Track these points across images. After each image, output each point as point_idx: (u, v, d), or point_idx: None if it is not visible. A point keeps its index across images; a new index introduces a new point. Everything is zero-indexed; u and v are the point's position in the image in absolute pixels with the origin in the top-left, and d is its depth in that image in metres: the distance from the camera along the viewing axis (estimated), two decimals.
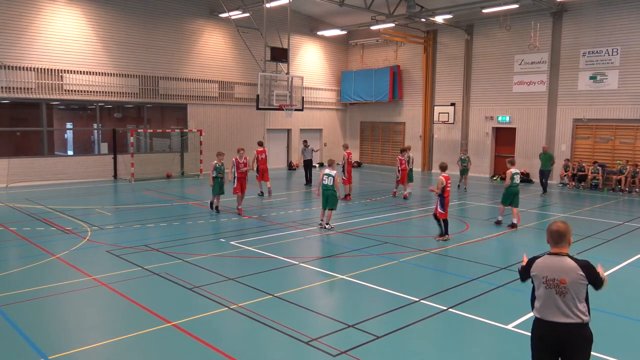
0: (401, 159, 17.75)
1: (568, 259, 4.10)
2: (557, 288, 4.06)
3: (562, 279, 4.03)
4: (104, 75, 21.74)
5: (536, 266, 4.23)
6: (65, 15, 20.56)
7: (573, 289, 4.02)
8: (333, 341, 6.21)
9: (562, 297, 4.05)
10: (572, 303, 4.03)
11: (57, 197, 17.04)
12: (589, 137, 22.07)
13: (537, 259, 4.26)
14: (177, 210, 15.09)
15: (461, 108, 26.25)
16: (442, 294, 7.97)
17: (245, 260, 9.93)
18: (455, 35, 26.17)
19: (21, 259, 9.97)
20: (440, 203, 11.42)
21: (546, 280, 4.12)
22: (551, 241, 4.22)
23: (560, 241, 4.16)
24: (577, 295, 4.04)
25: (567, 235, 4.16)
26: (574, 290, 4.03)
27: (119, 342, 6.21)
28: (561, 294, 4.05)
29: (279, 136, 28.75)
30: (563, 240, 4.16)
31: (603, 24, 21.19)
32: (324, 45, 30.18)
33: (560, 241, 4.16)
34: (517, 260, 9.99)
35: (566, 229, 4.16)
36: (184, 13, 23.94)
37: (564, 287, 4.03)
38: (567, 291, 4.03)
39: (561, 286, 4.04)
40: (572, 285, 4.02)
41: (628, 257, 10.45)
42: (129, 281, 8.44)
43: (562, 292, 4.05)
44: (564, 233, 4.16)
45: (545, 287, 4.13)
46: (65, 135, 23.03)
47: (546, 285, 4.12)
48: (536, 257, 4.30)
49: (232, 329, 6.74)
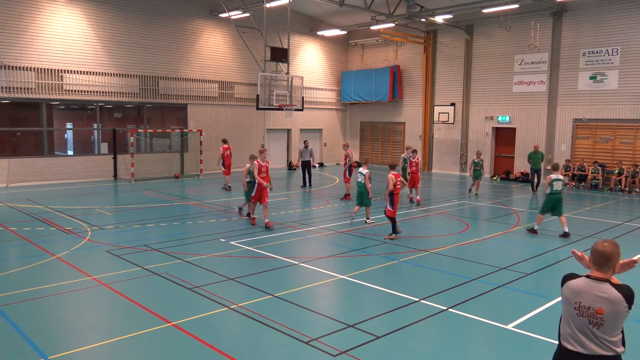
0: (412, 160, 16.58)
1: (610, 287, 3.46)
2: (591, 318, 3.45)
3: (600, 308, 3.43)
4: (104, 75, 21.74)
5: (569, 288, 3.59)
6: (65, 15, 20.57)
7: (611, 320, 3.42)
8: (333, 341, 6.21)
9: (596, 329, 3.45)
10: (607, 335, 3.44)
11: (57, 197, 17.04)
12: (589, 137, 22.07)
13: (571, 280, 3.63)
14: (177, 210, 15.09)
15: (461, 108, 26.26)
16: (442, 294, 7.97)
17: (245, 260, 9.93)
18: (455, 35, 26.17)
19: (21, 259, 9.97)
20: (390, 202, 11.67)
21: (579, 307, 3.50)
22: (594, 263, 3.57)
23: (605, 265, 3.53)
24: (615, 327, 3.45)
25: (613, 259, 3.52)
26: (611, 321, 3.43)
27: (119, 342, 6.21)
28: (596, 325, 3.45)
29: (279, 136, 28.76)
30: (608, 264, 3.52)
31: (603, 24, 21.19)
32: (323, 45, 30.18)
33: (605, 265, 3.53)
34: (517, 260, 10.00)
35: (613, 252, 3.53)
36: (183, 13, 23.94)
37: (600, 318, 3.43)
38: (603, 322, 3.43)
39: (597, 317, 3.43)
40: (611, 317, 3.41)
41: (628, 257, 10.42)
42: (129, 281, 8.44)
43: (598, 324, 3.44)
44: (610, 256, 3.51)
45: (577, 314, 3.51)
46: (65, 135, 23.03)
47: (578, 312, 3.50)
48: (571, 275, 3.67)
49: (232, 329, 6.74)
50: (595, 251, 3.56)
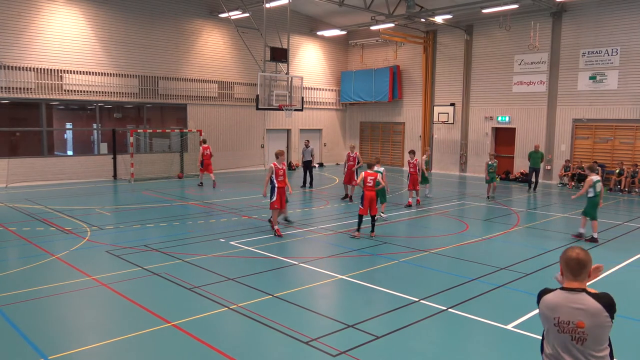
0: (410, 162, 16.31)
1: (587, 296, 3.18)
2: (573, 333, 3.17)
3: (579, 322, 3.14)
4: (104, 76, 21.73)
5: (546, 304, 3.30)
6: (65, 15, 20.56)
7: (594, 333, 3.14)
8: (333, 341, 6.20)
9: (580, 344, 3.16)
10: (593, 350, 3.15)
11: (56, 197, 17.03)
12: (589, 137, 22.08)
13: (545, 294, 3.33)
14: (177, 210, 15.08)
15: (461, 108, 26.26)
16: (442, 294, 7.97)
17: (245, 260, 9.93)
18: (455, 36, 26.18)
19: (21, 259, 9.96)
20: (361, 199, 11.86)
21: (559, 322, 3.21)
22: (567, 272, 3.27)
23: (581, 273, 3.24)
24: (599, 340, 3.16)
25: (588, 264, 3.25)
26: (595, 335, 3.14)
27: (119, 342, 6.21)
28: (579, 340, 3.16)
29: (279, 136, 28.76)
30: (583, 271, 3.25)
31: (603, 24, 21.20)
32: (323, 46, 30.18)
33: (581, 273, 3.24)
34: (517, 260, 10.00)
35: (587, 257, 3.26)
36: (183, 13, 23.94)
37: (581, 333, 3.14)
38: (586, 337, 3.14)
39: (578, 331, 3.15)
40: (593, 330, 3.13)
41: (628, 257, 10.46)
42: (128, 281, 8.44)
43: (581, 339, 3.15)
44: (585, 262, 3.24)
45: (557, 330, 3.22)
46: (65, 135, 23.02)
47: (559, 329, 3.21)
48: (545, 290, 3.37)
49: (232, 329, 6.74)
50: (568, 259, 3.27)
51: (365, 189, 11.77)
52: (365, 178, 11.84)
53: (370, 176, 11.86)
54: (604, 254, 10.57)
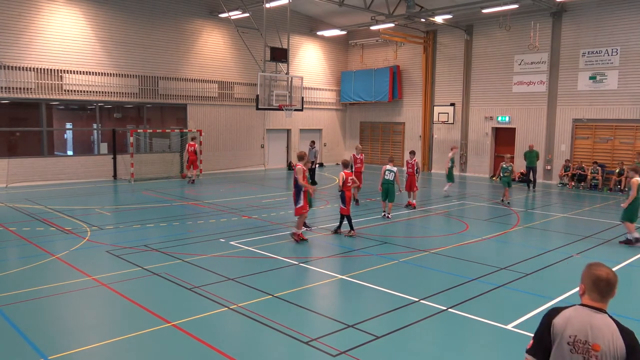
0: (408, 162, 16.07)
1: (612, 322, 2.95)
2: (586, 354, 2.93)
3: (596, 344, 2.91)
4: (104, 76, 21.73)
5: (563, 319, 3.03)
6: (65, 15, 20.56)
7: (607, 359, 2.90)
8: (333, 341, 6.20)
9: None
10: None
11: (56, 197, 17.03)
12: (589, 137, 22.08)
13: (559, 313, 3.07)
14: (177, 210, 15.08)
15: (461, 108, 26.26)
16: (442, 294, 7.97)
17: (245, 260, 9.93)
18: (455, 36, 26.17)
19: (21, 259, 9.96)
20: (342, 199, 11.88)
21: (574, 341, 2.96)
22: (594, 292, 3.01)
23: (608, 294, 3.00)
24: None
25: (616, 286, 3.02)
26: None
27: (119, 342, 6.21)
28: None
29: (279, 136, 28.76)
30: (611, 293, 3.01)
31: (603, 24, 21.20)
32: (323, 46, 30.18)
33: (608, 294, 3.00)
34: (517, 260, 10.00)
35: (616, 279, 3.02)
36: (183, 13, 23.94)
37: (595, 355, 2.91)
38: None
39: (592, 353, 2.92)
40: (607, 356, 2.90)
41: (628, 257, 10.46)
42: (128, 281, 8.44)
43: None
44: (614, 284, 3.00)
45: (570, 350, 2.97)
46: (65, 135, 23.02)
47: (572, 348, 2.97)
48: (557, 310, 3.11)
49: (232, 329, 6.74)
50: (597, 279, 2.99)
51: (345, 188, 11.83)
52: (345, 178, 11.85)
53: (350, 176, 11.97)
54: (604, 254, 10.58)
